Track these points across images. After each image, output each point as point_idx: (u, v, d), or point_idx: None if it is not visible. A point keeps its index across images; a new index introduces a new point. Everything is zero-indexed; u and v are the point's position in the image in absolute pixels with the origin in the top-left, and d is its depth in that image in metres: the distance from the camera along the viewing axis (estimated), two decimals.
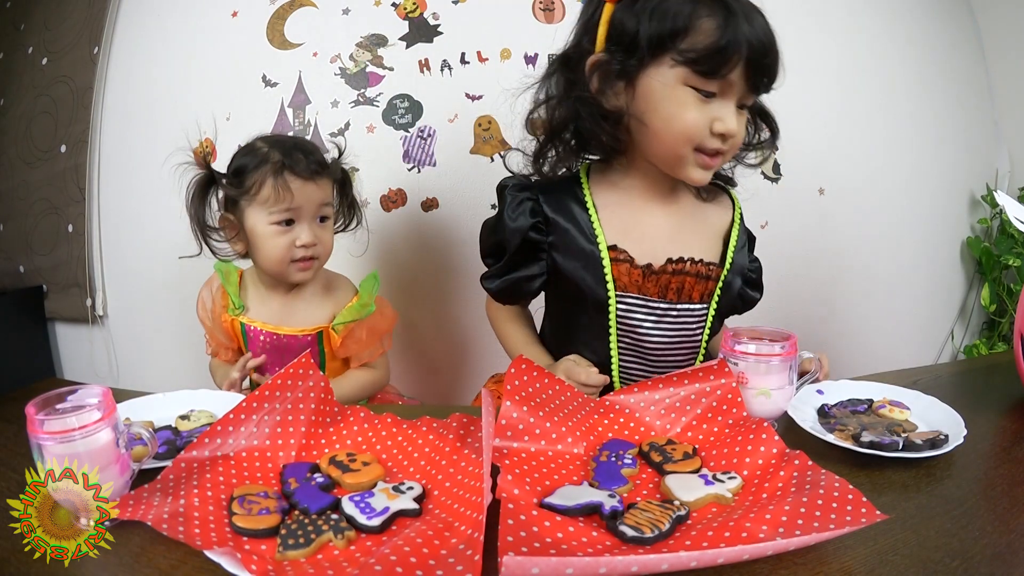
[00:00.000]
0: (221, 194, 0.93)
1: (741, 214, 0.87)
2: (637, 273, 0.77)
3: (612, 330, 0.80)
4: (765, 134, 0.83)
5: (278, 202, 0.88)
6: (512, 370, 0.66)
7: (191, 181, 0.92)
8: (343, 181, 1.01)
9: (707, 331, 0.84)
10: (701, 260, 0.80)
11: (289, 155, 0.89)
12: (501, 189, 0.86)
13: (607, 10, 0.71)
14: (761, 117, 0.81)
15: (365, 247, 1.20)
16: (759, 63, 0.67)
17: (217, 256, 0.97)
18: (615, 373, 0.82)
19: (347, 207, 1.02)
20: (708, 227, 0.84)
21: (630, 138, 0.76)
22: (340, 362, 1.03)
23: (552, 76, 0.79)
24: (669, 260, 0.78)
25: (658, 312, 0.79)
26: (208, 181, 0.92)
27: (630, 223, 0.79)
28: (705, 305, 0.82)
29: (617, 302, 0.78)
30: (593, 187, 0.80)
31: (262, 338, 0.97)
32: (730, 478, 0.56)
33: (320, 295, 1.01)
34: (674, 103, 0.70)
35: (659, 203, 0.81)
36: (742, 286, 0.86)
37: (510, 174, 0.87)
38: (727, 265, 0.82)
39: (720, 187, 0.88)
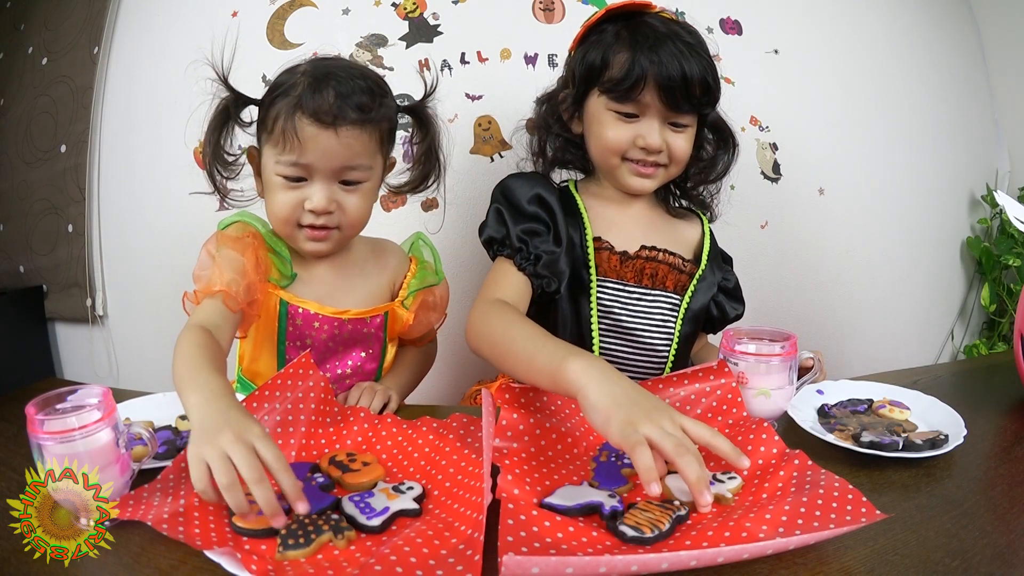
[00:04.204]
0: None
1: (711, 231, 0.97)
2: (615, 259, 0.86)
3: (593, 312, 0.85)
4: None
5: (285, 150, 0.69)
6: (503, 381, 0.66)
7: (211, 110, 0.76)
8: (420, 126, 0.81)
9: (680, 321, 0.89)
10: (675, 253, 0.90)
11: (316, 88, 0.68)
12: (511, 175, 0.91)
13: (570, 54, 0.89)
14: (713, 131, 0.90)
15: (441, 222, 1.11)
16: (668, 87, 0.78)
17: (225, 201, 0.79)
18: (596, 353, 0.87)
19: (422, 159, 0.82)
20: (680, 234, 0.94)
21: (591, 156, 0.90)
22: (395, 343, 0.87)
23: (542, 106, 0.94)
24: (643, 247, 0.88)
25: (634, 296, 0.87)
26: (226, 110, 0.75)
27: (612, 221, 0.89)
28: (679, 296, 0.89)
29: (598, 287, 0.85)
30: (581, 196, 0.91)
31: (316, 325, 0.77)
32: (730, 478, 0.56)
33: (373, 261, 0.84)
34: (600, 124, 0.84)
35: (635, 208, 0.91)
36: (718, 293, 0.93)
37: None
38: (702, 265, 0.91)
39: (690, 210, 0.98)
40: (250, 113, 0.78)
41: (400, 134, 0.83)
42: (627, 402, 0.54)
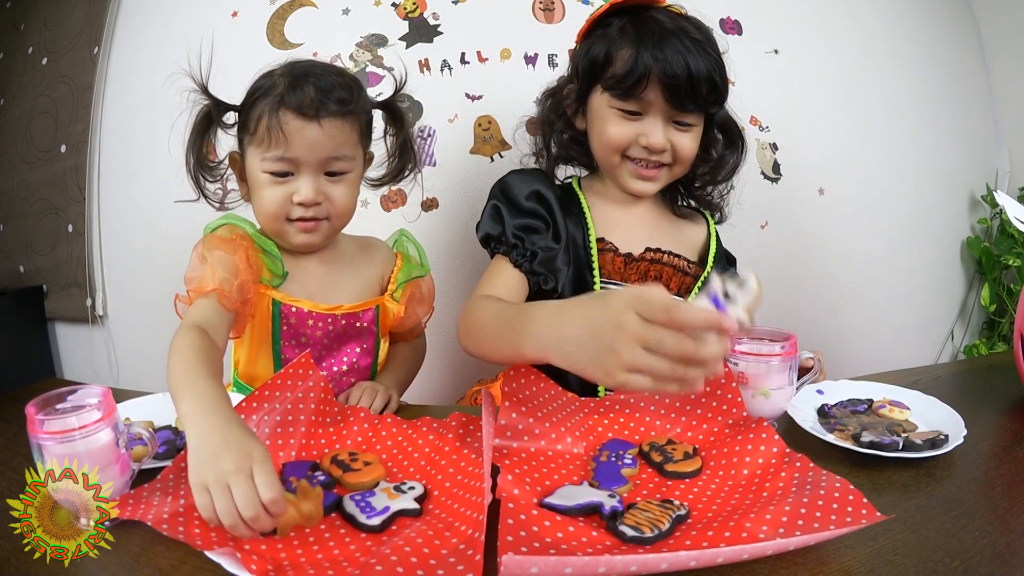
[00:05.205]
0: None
1: (716, 232, 0.95)
2: (619, 261, 0.85)
3: None
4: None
5: (271, 146, 0.71)
6: (511, 372, 0.66)
7: (193, 117, 0.78)
8: (394, 120, 0.84)
9: None
10: (679, 254, 0.88)
11: (295, 86, 0.71)
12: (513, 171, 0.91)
13: (576, 48, 0.87)
14: (721, 130, 0.88)
15: (417, 214, 1.15)
16: (673, 86, 0.76)
17: (209, 201, 0.81)
18: None
19: (397, 152, 0.85)
20: (684, 235, 0.93)
21: (593, 153, 0.88)
22: (387, 339, 0.89)
23: (546, 102, 0.92)
24: (648, 249, 0.86)
25: None
26: (211, 114, 0.78)
27: (616, 221, 0.87)
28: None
29: (601, 290, 0.84)
30: (585, 194, 0.90)
31: (310, 323, 0.78)
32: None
33: (360, 256, 0.86)
34: (602, 121, 0.82)
35: (639, 208, 0.90)
36: None
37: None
38: (708, 266, 0.90)
39: (695, 210, 0.97)
40: (231, 118, 0.80)
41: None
42: (587, 344, 0.52)
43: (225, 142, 0.83)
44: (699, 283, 0.89)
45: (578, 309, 0.56)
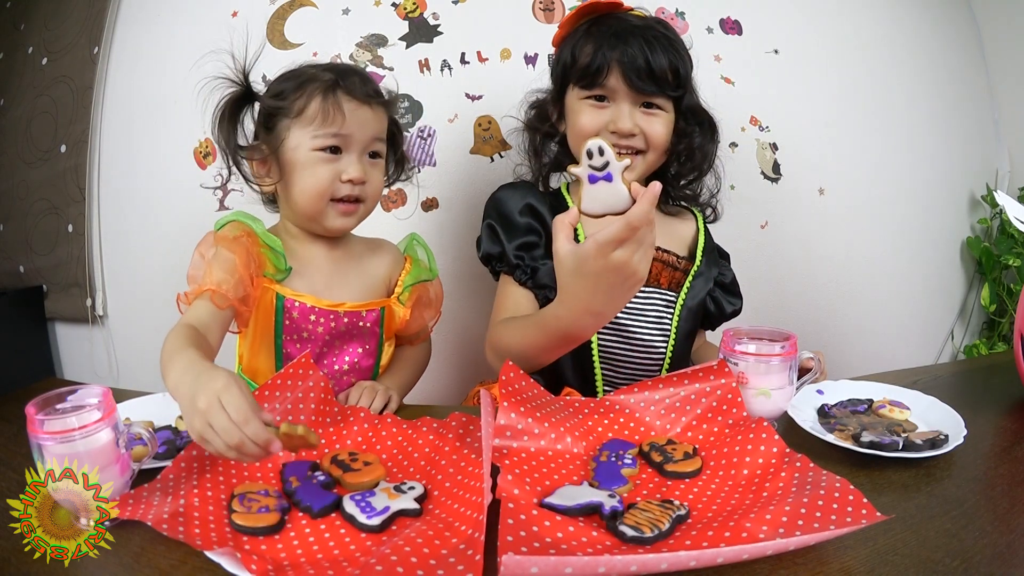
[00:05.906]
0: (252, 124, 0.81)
1: (706, 227, 0.98)
2: None
3: None
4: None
5: (325, 123, 0.75)
6: (503, 377, 0.66)
7: (221, 100, 0.79)
8: (394, 127, 0.88)
9: (676, 318, 0.89)
10: (668, 250, 0.91)
11: (344, 76, 0.78)
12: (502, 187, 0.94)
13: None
14: (691, 115, 0.90)
15: (411, 212, 1.21)
16: (633, 68, 0.81)
17: (250, 183, 0.83)
18: (595, 352, 0.87)
19: (395, 160, 0.89)
20: (674, 231, 0.96)
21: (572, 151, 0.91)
22: (392, 342, 0.91)
23: (531, 111, 0.97)
24: None
25: None
26: (242, 98, 0.79)
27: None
28: (674, 293, 0.90)
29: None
30: (572, 197, 0.92)
31: (312, 319, 0.79)
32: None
33: (369, 256, 0.87)
34: (575, 114, 0.87)
35: None
36: (714, 288, 0.93)
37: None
38: (697, 259, 0.92)
39: (684, 207, 1.00)
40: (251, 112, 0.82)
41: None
42: (612, 295, 0.63)
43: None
44: (689, 277, 0.91)
45: (579, 291, 0.64)
